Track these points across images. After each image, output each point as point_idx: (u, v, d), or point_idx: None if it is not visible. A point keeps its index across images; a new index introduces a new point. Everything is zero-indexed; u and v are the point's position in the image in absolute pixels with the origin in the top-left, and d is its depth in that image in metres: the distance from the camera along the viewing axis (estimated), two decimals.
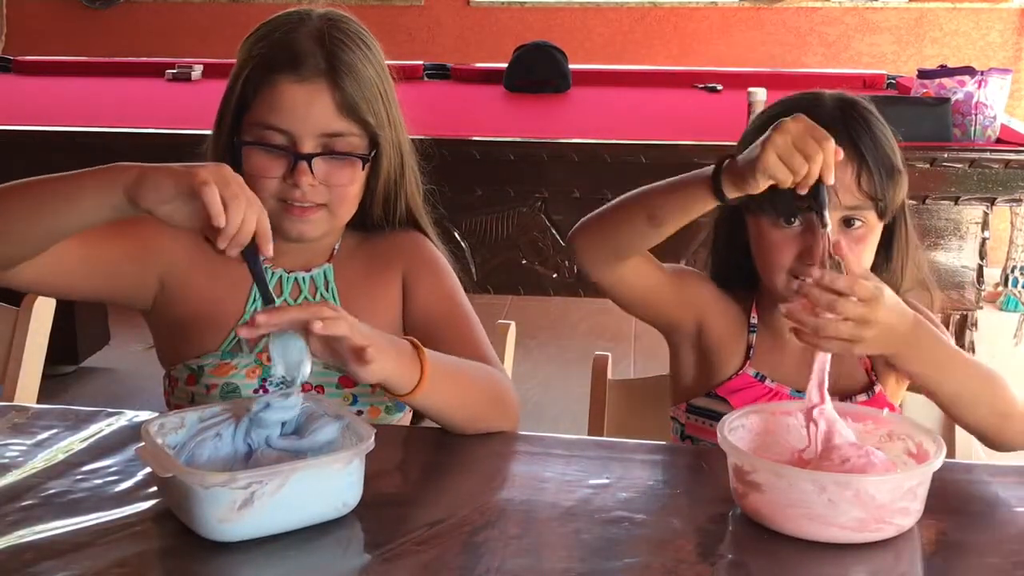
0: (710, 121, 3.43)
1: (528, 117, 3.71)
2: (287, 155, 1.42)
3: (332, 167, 1.44)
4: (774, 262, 1.41)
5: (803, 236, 1.38)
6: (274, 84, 1.41)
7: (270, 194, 1.42)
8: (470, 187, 3.02)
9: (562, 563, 1.05)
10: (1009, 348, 4.08)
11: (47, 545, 1.09)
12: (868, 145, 1.38)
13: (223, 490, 1.06)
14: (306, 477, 1.10)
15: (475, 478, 1.31)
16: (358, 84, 1.44)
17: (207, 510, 1.07)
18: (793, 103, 1.43)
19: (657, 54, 5.13)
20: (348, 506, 1.15)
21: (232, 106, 1.46)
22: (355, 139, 1.45)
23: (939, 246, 2.92)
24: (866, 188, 1.37)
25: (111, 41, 5.27)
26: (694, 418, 1.49)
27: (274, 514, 1.09)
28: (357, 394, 1.48)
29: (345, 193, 1.46)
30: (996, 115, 3.07)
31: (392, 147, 1.51)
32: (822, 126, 1.34)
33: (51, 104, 3.83)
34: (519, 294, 3.19)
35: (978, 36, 5.01)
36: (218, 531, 1.08)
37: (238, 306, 1.49)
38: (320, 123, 1.42)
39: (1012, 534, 1.17)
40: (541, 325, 4.16)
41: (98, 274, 1.45)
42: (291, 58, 1.42)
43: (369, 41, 1.50)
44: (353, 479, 1.14)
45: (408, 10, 5.30)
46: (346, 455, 1.13)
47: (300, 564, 1.08)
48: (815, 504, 1.10)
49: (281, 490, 1.08)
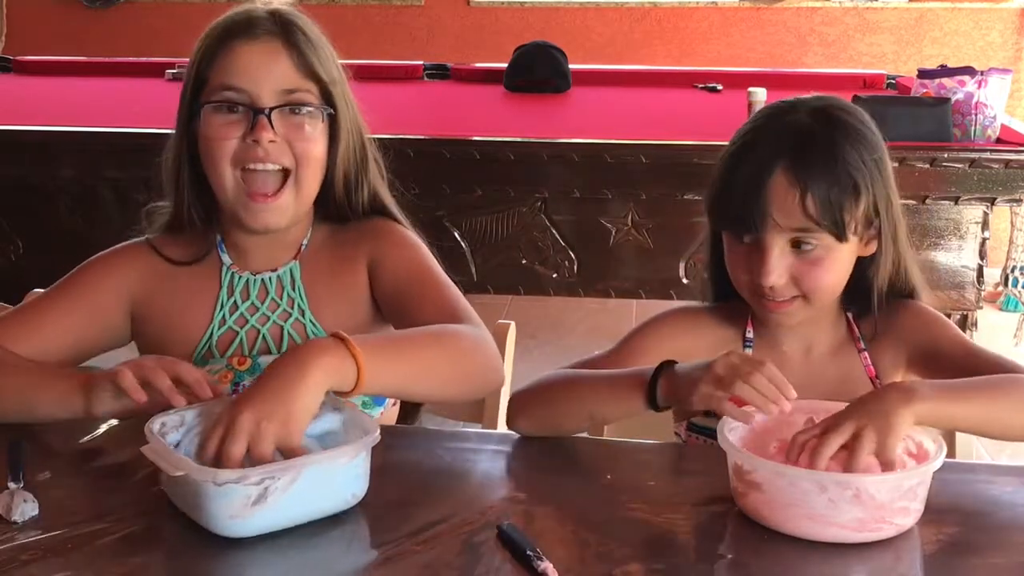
0: (710, 121, 3.43)
1: (528, 117, 3.71)
2: (246, 112, 1.42)
3: (292, 125, 1.44)
4: (733, 271, 1.40)
5: (756, 254, 1.35)
6: (229, 48, 1.43)
7: (230, 163, 1.42)
8: (470, 187, 3.02)
9: (562, 563, 1.05)
10: (1009, 348, 4.08)
11: (47, 545, 1.09)
12: (819, 166, 1.32)
13: (236, 486, 1.07)
14: (317, 471, 1.11)
15: (475, 478, 1.31)
16: (312, 46, 1.46)
17: (220, 507, 1.07)
18: (769, 114, 1.41)
19: (657, 54, 5.13)
20: (356, 497, 1.16)
21: (191, 81, 1.46)
22: (312, 97, 1.45)
23: (939, 246, 2.93)
24: (812, 211, 1.31)
25: (111, 41, 5.27)
26: (694, 436, 1.48)
27: (286, 509, 1.10)
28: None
29: (307, 151, 1.44)
30: (996, 115, 3.07)
31: (350, 117, 1.50)
32: (775, 139, 1.35)
33: (51, 104, 3.83)
34: (519, 294, 3.20)
35: (978, 36, 5.01)
36: (230, 528, 1.08)
37: (205, 313, 1.50)
38: (277, 79, 1.42)
39: (1014, 534, 1.17)
40: (541, 325, 4.16)
41: (76, 352, 1.50)
42: (244, 24, 1.44)
43: (320, 31, 1.50)
44: (360, 471, 1.16)
45: (408, 10, 5.30)
46: (353, 447, 1.14)
47: (301, 563, 1.08)
48: (815, 504, 1.10)
49: (293, 484, 1.09)
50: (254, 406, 1.12)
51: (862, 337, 1.45)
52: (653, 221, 3.02)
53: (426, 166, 2.91)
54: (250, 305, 1.50)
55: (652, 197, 3.01)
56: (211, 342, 1.49)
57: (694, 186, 2.95)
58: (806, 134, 1.35)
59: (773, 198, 1.32)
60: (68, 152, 3.10)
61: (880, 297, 1.42)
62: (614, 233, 3.04)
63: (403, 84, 4.15)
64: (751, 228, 1.34)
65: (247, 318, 1.50)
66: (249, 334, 1.49)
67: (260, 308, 1.50)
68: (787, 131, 1.36)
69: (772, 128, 1.38)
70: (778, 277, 1.34)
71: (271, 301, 1.50)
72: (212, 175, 1.45)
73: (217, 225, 1.53)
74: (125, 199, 3.03)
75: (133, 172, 2.96)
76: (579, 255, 3.08)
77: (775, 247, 1.33)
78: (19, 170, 3.13)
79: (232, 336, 1.49)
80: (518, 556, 1.06)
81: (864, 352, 1.44)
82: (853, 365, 1.44)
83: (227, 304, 1.50)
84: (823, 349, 1.45)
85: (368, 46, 4.96)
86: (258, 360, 1.47)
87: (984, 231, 2.95)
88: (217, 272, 1.52)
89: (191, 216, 1.51)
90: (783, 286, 1.35)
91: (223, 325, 1.49)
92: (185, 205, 1.50)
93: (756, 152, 1.35)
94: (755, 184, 1.33)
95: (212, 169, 1.44)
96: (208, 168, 1.45)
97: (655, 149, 2.97)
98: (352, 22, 5.21)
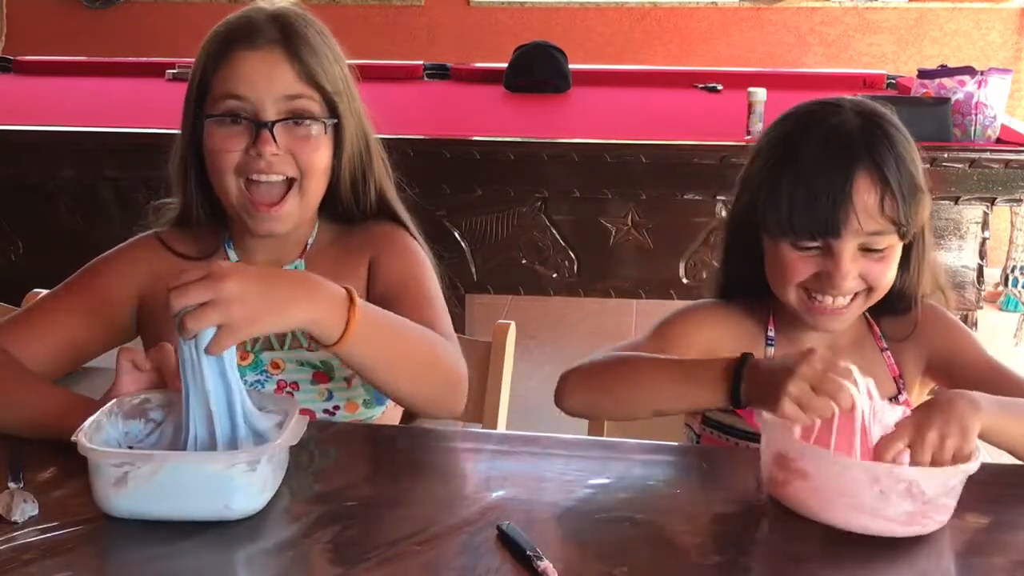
0: (710, 121, 3.43)
1: (528, 117, 3.71)
2: (249, 125, 1.42)
3: (296, 138, 1.43)
4: (788, 279, 1.38)
5: (819, 259, 1.35)
6: (231, 56, 1.42)
7: (234, 173, 1.42)
8: (470, 187, 3.02)
9: (562, 563, 1.05)
10: (1009, 348, 4.08)
11: (47, 545, 1.09)
12: (892, 168, 1.32)
13: (102, 464, 1.10)
14: (181, 470, 1.11)
15: (475, 478, 1.31)
16: (315, 53, 1.45)
17: (96, 479, 1.12)
18: (810, 114, 1.39)
19: (657, 54, 5.13)
20: (233, 511, 1.12)
21: (195, 88, 1.46)
22: (315, 105, 1.44)
23: (939, 246, 2.92)
24: (889, 213, 1.31)
25: (111, 41, 5.27)
26: (710, 431, 1.47)
27: (146, 500, 1.11)
28: (332, 389, 1.47)
29: (311, 162, 1.44)
30: (996, 115, 3.07)
31: (355, 125, 1.49)
32: (842, 143, 1.33)
33: (51, 104, 3.83)
34: (519, 294, 3.20)
35: (978, 36, 5.01)
36: (102, 503, 1.12)
37: None
38: (279, 88, 1.42)
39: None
40: (541, 325, 4.16)
41: (85, 353, 1.50)
42: (245, 31, 1.43)
43: (325, 31, 1.50)
44: (237, 483, 1.11)
45: (408, 10, 5.31)
46: (226, 457, 1.12)
47: (300, 562, 1.08)
48: (865, 494, 1.09)
49: (154, 477, 1.10)
50: (241, 283, 1.10)
51: (884, 336, 1.45)
52: (653, 221, 3.02)
53: (426, 166, 2.91)
54: None
55: (652, 197, 3.01)
56: None
57: (694, 186, 2.96)
58: (870, 136, 1.33)
59: (857, 203, 1.30)
60: (68, 152, 3.10)
61: (917, 296, 1.42)
62: (614, 233, 3.04)
63: (403, 84, 4.15)
64: (832, 234, 1.31)
65: None
66: None
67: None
68: (846, 134, 1.33)
69: (825, 133, 1.35)
70: (852, 280, 1.34)
71: None
72: (216, 184, 1.46)
73: (224, 223, 1.53)
74: (125, 199, 3.04)
75: (133, 172, 2.97)
76: (579, 255, 3.08)
77: (848, 252, 1.32)
78: (19, 170, 3.13)
79: None
80: (518, 556, 1.06)
81: (887, 351, 1.44)
82: (876, 364, 1.43)
83: None
84: (845, 349, 1.44)
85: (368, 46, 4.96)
86: (260, 356, 1.47)
87: (984, 231, 2.95)
88: None
89: (199, 215, 1.51)
90: (850, 289, 1.35)
91: None
92: (194, 205, 1.51)
93: (825, 158, 1.33)
94: (838, 191, 1.30)
95: (217, 179, 1.45)
96: (213, 177, 1.46)
97: (655, 149, 2.97)
98: (352, 22, 5.22)
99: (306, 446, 1.28)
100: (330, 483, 1.23)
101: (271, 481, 1.16)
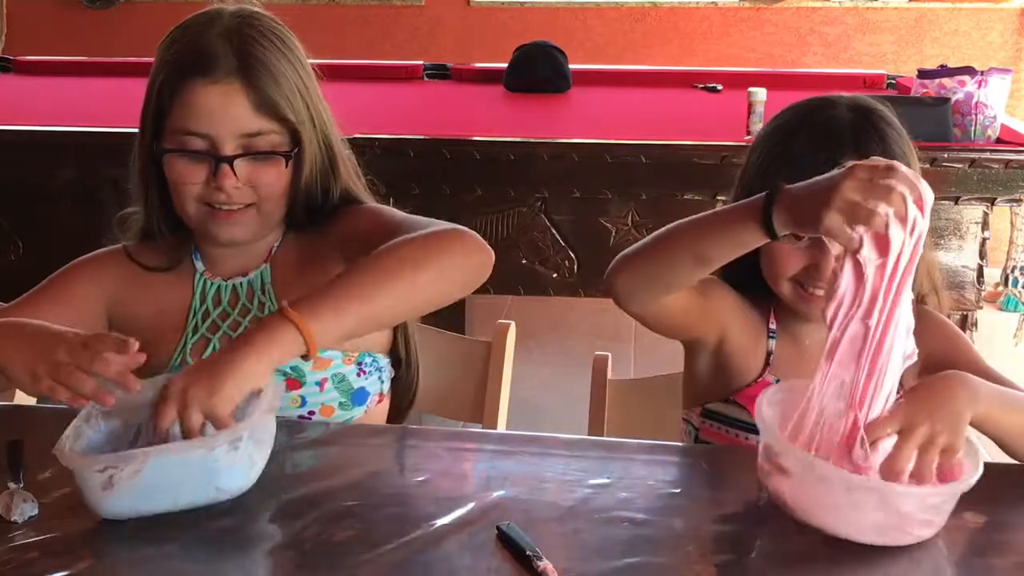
0: (710, 121, 3.43)
1: (528, 117, 3.71)
2: (208, 159, 1.41)
3: (255, 167, 1.43)
4: (779, 272, 1.40)
5: (811, 251, 1.36)
6: (187, 89, 1.40)
7: (195, 200, 1.43)
8: (470, 187, 3.02)
9: (562, 563, 1.05)
10: (1009, 348, 4.08)
11: (47, 545, 1.09)
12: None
13: (87, 471, 1.11)
14: (165, 463, 1.12)
15: (475, 478, 1.31)
16: (274, 80, 1.42)
17: (86, 488, 1.13)
18: (805, 109, 1.41)
19: (657, 54, 5.13)
20: (225, 491, 1.15)
21: (151, 113, 1.46)
22: (275, 136, 1.43)
23: (939, 246, 2.92)
24: None
25: (111, 41, 5.26)
26: (709, 423, 1.48)
27: (136, 497, 1.12)
28: (305, 395, 1.47)
29: (271, 191, 1.45)
30: (996, 115, 3.07)
31: (317, 142, 1.47)
32: (831, 136, 1.33)
33: (51, 104, 3.83)
34: (519, 294, 3.19)
35: (978, 36, 5.01)
36: (95, 508, 1.13)
37: (179, 320, 1.50)
38: (238, 123, 1.40)
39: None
40: (541, 325, 4.16)
41: None
42: (202, 61, 1.40)
43: (285, 36, 1.47)
44: (222, 464, 1.14)
45: (408, 10, 5.30)
46: (207, 441, 1.14)
47: (300, 562, 1.08)
48: (840, 501, 1.10)
49: (140, 474, 1.10)
50: (186, 376, 1.16)
51: None
52: (653, 221, 3.02)
53: (426, 166, 2.91)
54: (222, 311, 1.50)
55: (652, 197, 3.01)
56: (185, 349, 1.49)
57: (694, 186, 2.95)
58: (859, 130, 1.34)
59: None
60: (68, 152, 3.09)
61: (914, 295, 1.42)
62: (614, 233, 3.04)
63: (403, 84, 4.14)
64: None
65: (219, 324, 1.49)
66: (222, 340, 1.48)
67: (232, 314, 1.50)
68: (837, 128, 1.35)
69: (816, 126, 1.36)
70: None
71: (242, 306, 1.50)
72: (178, 208, 1.46)
73: (190, 234, 1.53)
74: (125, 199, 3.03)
75: None
76: (579, 255, 3.08)
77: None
78: (19, 170, 3.12)
79: (205, 343, 1.49)
80: (518, 556, 1.06)
81: None
82: None
83: (199, 311, 1.50)
84: None
85: (368, 46, 4.97)
86: None
87: (984, 231, 2.95)
88: (190, 279, 1.52)
89: (162, 229, 1.52)
90: None
91: (196, 332, 1.49)
92: (155, 220, 1.51)
93: (814, 151, 1.33)
94: None
95: (178, 204, 1.46)
96: (175, 201, 1.46)
97: (655, 149, 2.97)
98: (352, 22, 5.22)
99: (306, 446, 1.28)
100: (330, 483, 1.23)
101: (257, 457, 1.17)
